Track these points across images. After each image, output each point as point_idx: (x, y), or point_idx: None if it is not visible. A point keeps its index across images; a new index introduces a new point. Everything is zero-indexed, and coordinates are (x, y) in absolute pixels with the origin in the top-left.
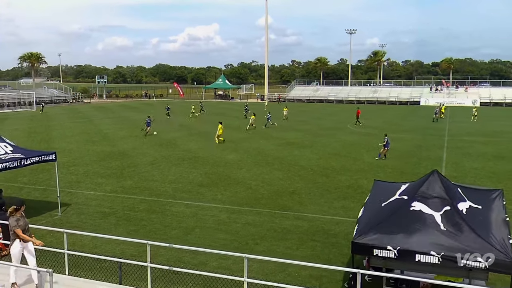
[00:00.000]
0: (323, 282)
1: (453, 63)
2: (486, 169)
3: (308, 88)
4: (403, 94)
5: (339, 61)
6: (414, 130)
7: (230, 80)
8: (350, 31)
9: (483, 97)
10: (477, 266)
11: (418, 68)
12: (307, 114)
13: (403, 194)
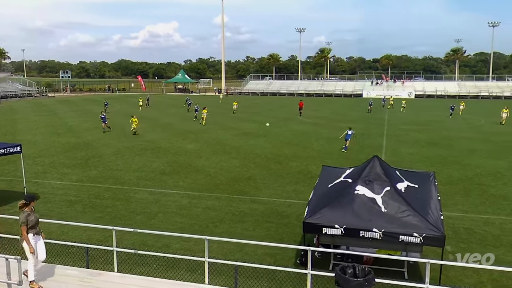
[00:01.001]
0: (277, 259)
1: (391, 59)
2: (420, 154)
3: (262, 82)
4: (347, 88)
5: (290, 57)
6: (358, 120)
7: (189, 74)
8: (299, 29)
9: (417, 90)
10: (413, 240)
11: (361, 63)
12: (261, 106)
13: (348, 177)
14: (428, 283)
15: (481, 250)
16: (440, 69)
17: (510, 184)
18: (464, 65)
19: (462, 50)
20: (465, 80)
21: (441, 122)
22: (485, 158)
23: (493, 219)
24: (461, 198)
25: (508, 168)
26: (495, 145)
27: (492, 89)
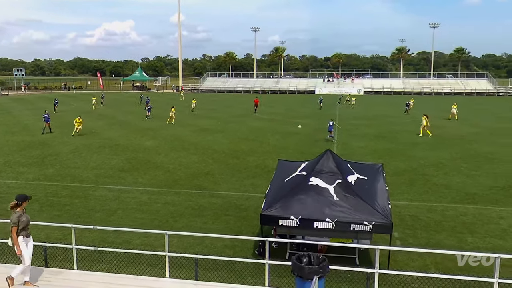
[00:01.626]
0: (236, 251)
1: (342, 58)
2: (369, 147)
3: (218, 80)
4: (301, 85)
5: (246, 56)
6: (311, 115)
7: (147, 72)
8: (254, 29)
9: (366, 87)
10: (364, 229)
11: (313, 62)
12: (218, 103)
13: (303, 170)
14: (377, 268)
15: (425, 235)
16: (386, 67)
17: (451, 174)
18: (408, 64)
19: (406, 50)
20: (409, 78)
21: (388, 117)
22: (427, 150)
23: (436, 206)
24: (406, 187)
25: (449, 159)
26: (437, 138)
27: (434, 86)
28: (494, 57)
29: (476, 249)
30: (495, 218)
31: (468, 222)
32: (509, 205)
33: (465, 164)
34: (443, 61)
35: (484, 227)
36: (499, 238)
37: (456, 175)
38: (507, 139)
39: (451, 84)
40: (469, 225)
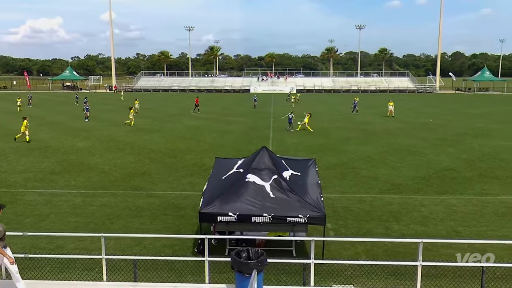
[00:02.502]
0: (176, 250)
1: (275, 57)
2: (303, 144)
3: (153, 79)
4: (236, 84)
5: (180, 55)
6: (246, 114)
7: (77, 71)
8: (188, 28)
9: (298, 85)
10: (299, 221)
11: (247, 61)
12: (153, 102)
13: (240, 167)
14: (313, 258)
15: (356, 225)
16: (317, 66)
17: (378, 166)
18: (337, 63)
19: (335, 50)
20: (338, 76)
21: (320, 114)
22: (357, 145)
23: (365, 197)
24: (338, 181)
25: (376, 152)
26: (364, 132)
27: (361, 84)
28: (414, 57)
29: (401, 236)
30: (418, 206)
31: (394, 210)
32: (430, 193)
33: (391, 157)
34: (369, 60)
35: (408, 214)
36: (421, 224)
37: (382, 167)
38: (425, 133)
39: (376, 82)
40: (395, 213)
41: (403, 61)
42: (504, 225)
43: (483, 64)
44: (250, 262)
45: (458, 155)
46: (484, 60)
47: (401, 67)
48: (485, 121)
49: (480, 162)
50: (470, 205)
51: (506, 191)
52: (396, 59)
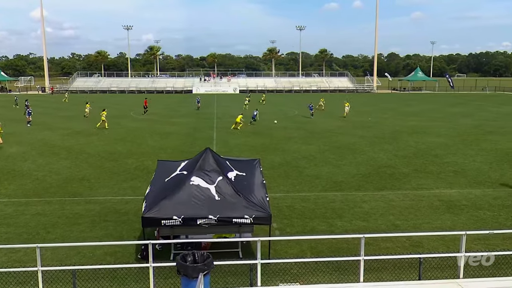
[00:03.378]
0: (118, 257)
1: (217, 57)
2: (247, 144)
3: (90, 79)
4: (177, 84)
5: (119, 55)
6: (189, 114)
7: (6, 72)
8: (127, 27)
9: (241, 85)
10: (245, 222)
11: (189, 61)
12: (91, 104)
13: (183, 170)
14: (259, 258)
15: (301, 223)
16: (259, 66)
17: (320, 165)
18: (279, 63)
19: (276, 50)
20: (281, 77)
21: (262, 114)
22: (300, 144)
23: (309, 196)
24: (282, 180)
25: (318, 151)
26: (307, 132)
27: (302, 84)
28: (353, 58)
29: (344, 232)
30: (359, 202)
31: (337, 207)
32: (370, 190)
33: (332, 155)
34: (310, 61)
35: (350, 211)
36: (362, 220)
37: (325, 166)
38: (364, 131)
39: (317, 83)
40: (337, 210)
41: (342, 62)
42: (439, 218)
43: (416, 64)
44: (196, 266)
45: (395, 152)
46: (417, 61)
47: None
48: (419, 119)
49: (416, 158)
50: (407, 199)
51: (439, 185)
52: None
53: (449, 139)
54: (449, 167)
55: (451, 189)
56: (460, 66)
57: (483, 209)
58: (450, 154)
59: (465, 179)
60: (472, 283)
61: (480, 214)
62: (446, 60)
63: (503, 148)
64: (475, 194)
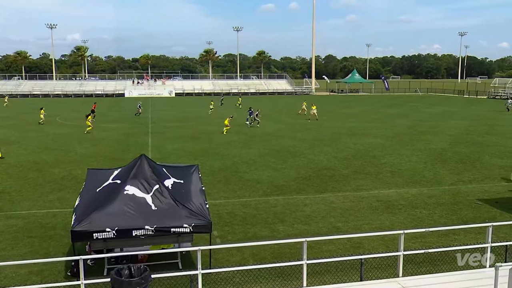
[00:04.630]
0: (45, 276)
1: (150, 59)
2: (184, 149)
3: (9, 83)
4: (108, 87)
5: (42, 55)
6: (122, 119)
7: None
8: (50, 26)
9: (177, 88)
10: (184, 231)
11: (120, 63)
12: (11, 110)
13: (116, 178)
14: (200, 268)
15: (242, 230)
16: (196, 68)
17: (261, 169)
18: (216, 65)
19: (213, 52)
20: (218, 79)
21: (201, 118)
22: (240, 148)
23: (250, 201)
24: (222, 186)
25: (258, 155)
26: (246, 136)
27: (241, 86)
28: (291, 60)
29: (286, 236)
30: (301, 205)
31: (278, 212)
32: (311, 192)
33: (273, 159)
34: (248, 63)
35: (292, 215)
36: (304, 223)
37: (265, 170)
38: (304, 134)
39: (256, 85)
40: (279, 214)
41: (281, 64)
42: (378, 218)
43: (353, 67)
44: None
45: (334, 154)
46: (354, 63)
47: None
48: (357, 120)
49: (355, 159)
50: (348, 201)
51: (377, 185)
52: (274, 62)
53: (386, 140)
54: (386, 168)
55: (389, 189)
56: (394, 68)
57: (419, 208)
58: (387, 155)
59: (402, 179)
60: (411, 281)
61: (416, 212)
62: (381, 63)
63: (436, 148)
64: (411, 194)
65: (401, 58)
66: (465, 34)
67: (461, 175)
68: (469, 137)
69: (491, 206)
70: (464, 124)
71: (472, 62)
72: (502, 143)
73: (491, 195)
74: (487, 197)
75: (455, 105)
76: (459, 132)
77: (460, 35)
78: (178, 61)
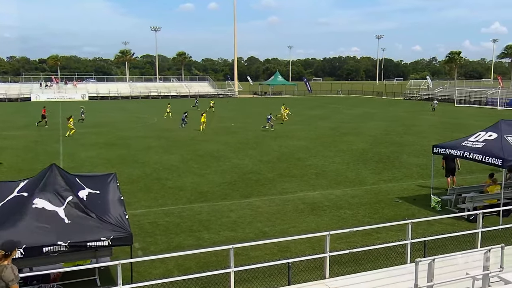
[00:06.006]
0: None
1: (60, 60)
2: (100, 157)
3: None
4: (12, 91)
5: None
6: (29, 126)
7: None
8: None
9: (91, 92)
10: (102, 244)
11: (25, 64)
12: None
13: (22, 191)
14: (121, 284)
15: (165, 240)
16: (111, 70)
17: (184, 176)
18: (134, 67)
19: (130, 52)
20: (136, 82)
21: (117, 123)
22: (161, 154)
23: (173, 209)
24: (143, 194)
25: (180, 161)
26: (167, 140)
27: (160, 89)
28: (213, 62)
29: (212, 244)
30: (226, 211)
31: (203, 219)
32: (237, 198)
33: (196, 165)
34: (167, 64)
35: (218, 221)
36: (230, 230)
37: (189, 176)
38: (228, 137)
39: (177, 87)
40: (204, 222)
41: (202, 66)
42: (304, 220)
43: (275, 68)
44: None
45: (259, 157)
46: (276, 65)
47: (201, 72)
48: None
49: (280, 162)
50: (274, 205)
51: (303, 188)
52: (195, 64)
53: (309, 142)
54: (311, 170)
55: (314, 191)
56: (316, 70)
57: (344, 208)
58: (312, 157)
59: (326, 180)
60: (337, 281)
61: (341, 213)
62: (303, 65)
63: (357, 149)
64: (335, 195)
65: (322, 60)
66: (381, 37)
67: (382, 174)
68: (388, 137)
69: (410, 204)
70: (383, 125)
71: (389, 64)
72: (418, 142)
73: (410, 192)
74: (406, 195)
75: (374, 106)
76: (379, 132)
77: (377, 38)
78: (91, 62)
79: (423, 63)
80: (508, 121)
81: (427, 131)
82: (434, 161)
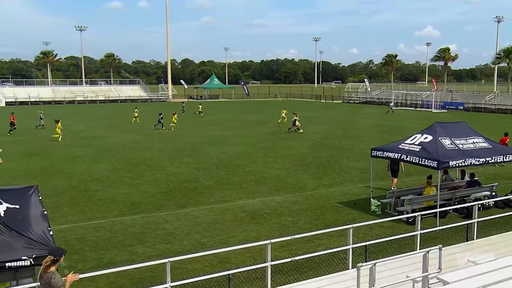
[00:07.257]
0: None
1: None
2: (21, 168)
3: None
4: None
5: None
6: None
7: None
8: None
9: (8, 96)
10: (23, 264)
11: None
12: None
13: None
14: None
15: (95, 256)
16: (31, 73)
17: (115, 186)
18: (57, 69)
19: (53, 54)
20: (59, 85)
21: (37, 131)
22: (88, 164)
23: (103, 223)
24: (69, 208)
25: (111, 170)
26: (96, 149)
27: (87, 93)
28: (144, 64)
29: (147, 259)
30: (162, 223)
31: (137, 232)
32: (173, 208)
33: (128, 174)
34: (95, 67)
35: (153, 234)
36: (166, 242)
37: (120, 187)
38: (162, 144)
39: (105, 91)
40: (138, 235)
41: (133, 68)
42: (244, 229)
43: (211, 71)
44: None
45: (196, 165)
46: (212, 68)
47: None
48: (218, 128)
49: (218, 169)
50: (212, 214)
51: (242, 195)
52: (126, 66)
53: (248, 147)
54: (250, 176)
55: (254, 199)
56: (253, 73)
57: (284, 215)
58: (251, 163)
59: (266, 187)
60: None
61: (282, 220)
62: (240, 67)
63: (297, 153)
64: (276, 201)
65: (260, 62)
66: (319, 40)
67: (322, 179)
68: (327, 141)
69: (351, 208)
70: (323, 129)
71: (327, 67)
72: (357, 146)
73: (350, 197)
74: (347, 199)
75: (313, 110)
76: (318, 136)
77: (315, 40)
78: (8, 64)
79: (360, 66)
80: (442, 123)
81: (366, 134)
82: (373, 165)
